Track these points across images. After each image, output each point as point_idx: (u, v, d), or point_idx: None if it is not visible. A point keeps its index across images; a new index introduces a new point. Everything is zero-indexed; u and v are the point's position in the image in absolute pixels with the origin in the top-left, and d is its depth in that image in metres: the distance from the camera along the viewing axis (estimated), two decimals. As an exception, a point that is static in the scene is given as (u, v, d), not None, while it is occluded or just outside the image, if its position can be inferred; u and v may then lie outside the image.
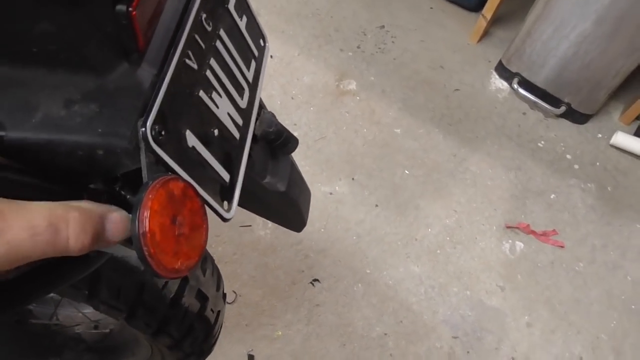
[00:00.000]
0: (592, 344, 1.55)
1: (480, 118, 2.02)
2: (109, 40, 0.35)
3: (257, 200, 0.53)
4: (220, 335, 0.96)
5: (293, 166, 0.55)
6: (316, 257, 1.56)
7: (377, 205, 1.69)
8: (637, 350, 1.55)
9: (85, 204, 0.33)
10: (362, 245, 1.61)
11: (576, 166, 1.96)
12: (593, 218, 1.83)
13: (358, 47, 2.14)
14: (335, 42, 2.14)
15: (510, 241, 1.71)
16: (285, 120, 1.83)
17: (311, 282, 1.51)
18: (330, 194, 1.68)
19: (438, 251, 1.64)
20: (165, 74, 0.37)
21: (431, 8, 2.35)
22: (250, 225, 1.56)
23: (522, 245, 1.71)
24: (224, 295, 0.95)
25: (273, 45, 2.02)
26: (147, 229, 0.32)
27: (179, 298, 0.77)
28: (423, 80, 2.09)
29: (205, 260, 0.85)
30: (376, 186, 1.74)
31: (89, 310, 1.12)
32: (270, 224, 1.57)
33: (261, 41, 0.54)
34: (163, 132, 0.36)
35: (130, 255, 0.70)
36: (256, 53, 0.52)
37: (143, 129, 0.34)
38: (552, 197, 1.85)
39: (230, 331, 1.38)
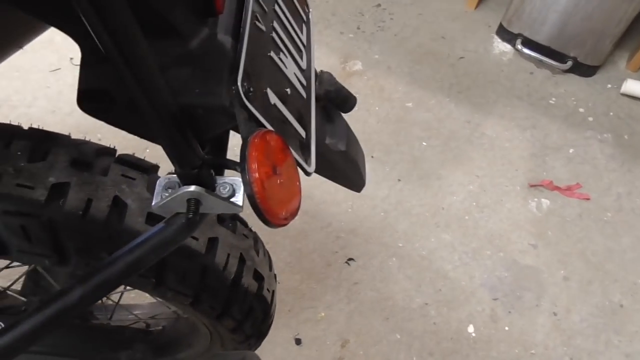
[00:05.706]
0: (631, 290, 1.56)
1: (488, 82, 2.03)
2: (191, 8, 0.36)
3: (323, 161, 0.54)
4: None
5: (348, 127, 0.57)
6: (347, 237, 1.57)
7: (399, 180, 1.70)
8: (675, 290, 1.56)
9: None
10: (391, 220, 1.62)
11: (590, 118, 1.96)
12: (614, 167, 1.83)
13: (358, 28, 2.14)
14: (335, 26, 2.14)
15: (535, 199, 1.72)
16: (297, 108, 1.84)
17: (346, 262, 1.52)
18: (353, 174, 1.69)
19: (466, 217, 1.65)
20: (243, 35, 0.38)
21: (425, -19, 2.35)
22: (278, 214, 1.57)
23: (548, 202, 1.72)
24: (275, 275, 0.96)
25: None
26: (257, 177, 0.33)
27: (238, 279, 0.78)
28: (427, 52, 2.09)
29: (257, 241, 0.86)
30: (396, 161, 1.75)
31: (139, 311, 1.14)
32: (298, 210, 1.58)
33: (306, 7, 0.55)
34: (251, 90, 0.37)
35: (191, 241, 0.71)
36: (304, 18, 0.53)
37: (235, 85, 0.35)
38: (570, 151, 1.85)
39: (274, 319, 1.40)
